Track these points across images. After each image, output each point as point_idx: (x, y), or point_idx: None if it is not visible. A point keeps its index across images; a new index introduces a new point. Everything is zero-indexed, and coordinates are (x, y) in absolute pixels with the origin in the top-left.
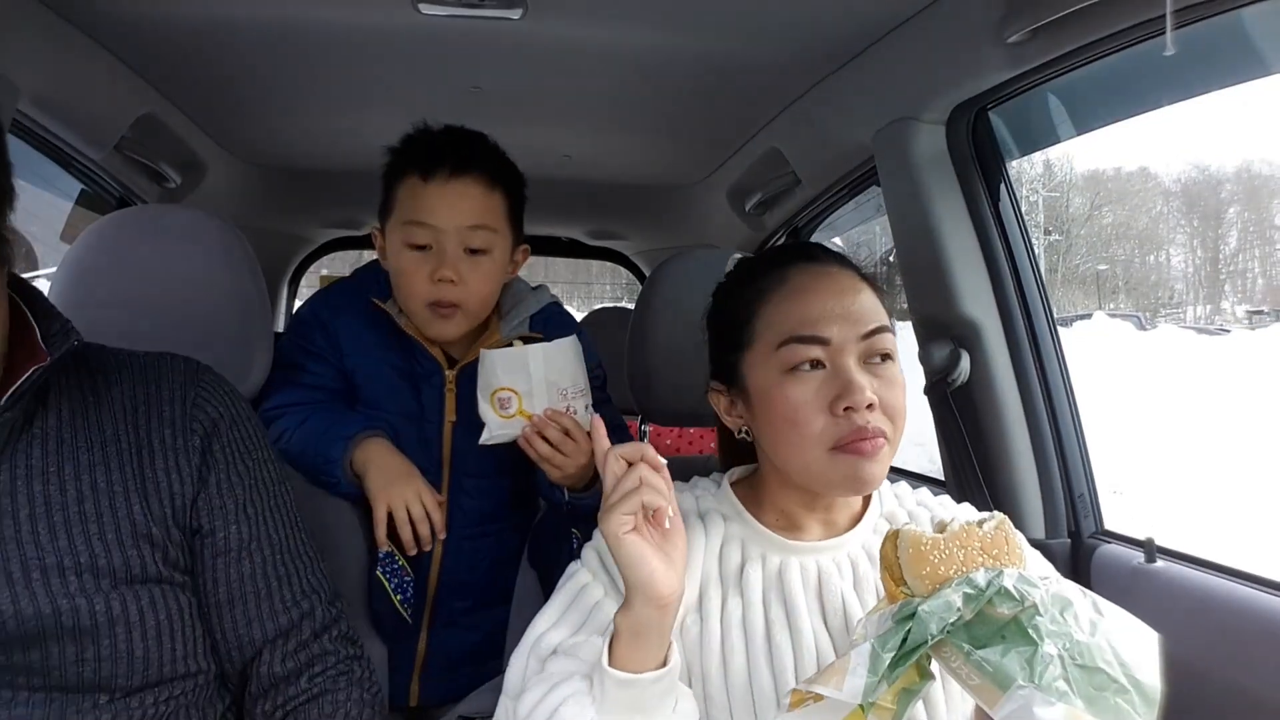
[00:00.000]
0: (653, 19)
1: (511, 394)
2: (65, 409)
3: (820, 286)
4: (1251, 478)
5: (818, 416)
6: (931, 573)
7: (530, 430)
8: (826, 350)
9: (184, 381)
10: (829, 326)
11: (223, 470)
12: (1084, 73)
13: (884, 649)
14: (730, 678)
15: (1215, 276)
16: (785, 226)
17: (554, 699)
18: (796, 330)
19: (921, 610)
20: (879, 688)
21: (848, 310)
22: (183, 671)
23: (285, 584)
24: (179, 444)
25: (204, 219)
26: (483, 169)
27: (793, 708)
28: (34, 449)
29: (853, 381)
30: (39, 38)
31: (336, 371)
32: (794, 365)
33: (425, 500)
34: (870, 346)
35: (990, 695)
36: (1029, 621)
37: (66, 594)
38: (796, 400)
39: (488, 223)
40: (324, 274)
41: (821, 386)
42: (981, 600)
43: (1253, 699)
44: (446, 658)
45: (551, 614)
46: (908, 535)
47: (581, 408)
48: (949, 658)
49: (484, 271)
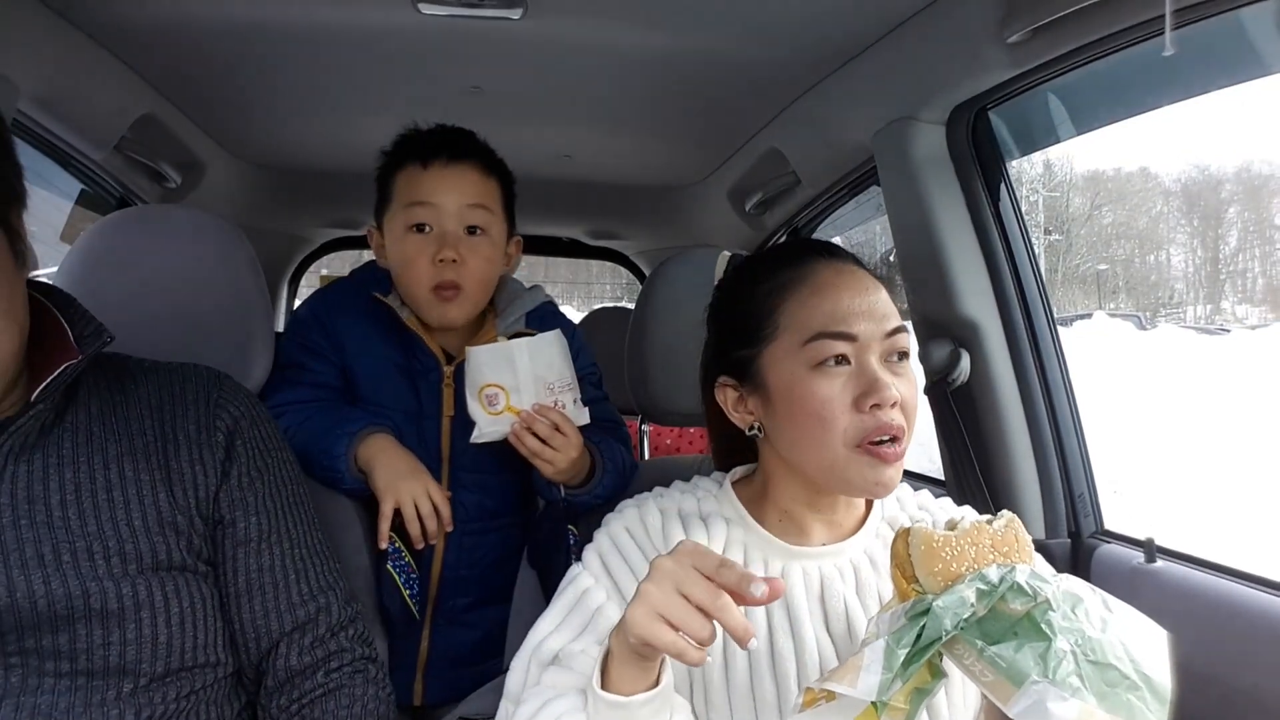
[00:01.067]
0: (653, 19)
1: (498, 390)
2: (94, 406)
3: (846, 283)
4: (1251, 477)
5: (844, 413)
6: (944, 569)
7: (519, 426)
8: (853, 346)
9: (206, 385)
10: (857, 323)
11: (244, 465)
12: (1084, 73)
13: (899, 645)
14: (732, 683)
15: (1215, 276)
16: (785, 226)
17: (547, 716)
18: (826, 326)
19: (936, 606)
20: (893, 685)
21: (872, 308)
22: (203, 661)
23: (303, 578)
24: (203, 438)
25: (204, 219)
26: (478, 157)
27: (805, 707)
28: (65, 441)
29: (879, 379)
30: (39, 38)
31: (337, 370)
32: (821, 360)
33: (434, 495)
34: (892, 345)
35: (1004, 691)
36: (1042, 617)
37: (95, 577)
38: (824, 395)
39: (485, 203)
40: (324, 274)
41: (848, 383)
42: (995, 596)
43: (1253, 699)
44: (449, 656)
45: (553, 618)
46: (920, 532)
47: (570, 402)
48: (962, 655)
49: (483, 254)
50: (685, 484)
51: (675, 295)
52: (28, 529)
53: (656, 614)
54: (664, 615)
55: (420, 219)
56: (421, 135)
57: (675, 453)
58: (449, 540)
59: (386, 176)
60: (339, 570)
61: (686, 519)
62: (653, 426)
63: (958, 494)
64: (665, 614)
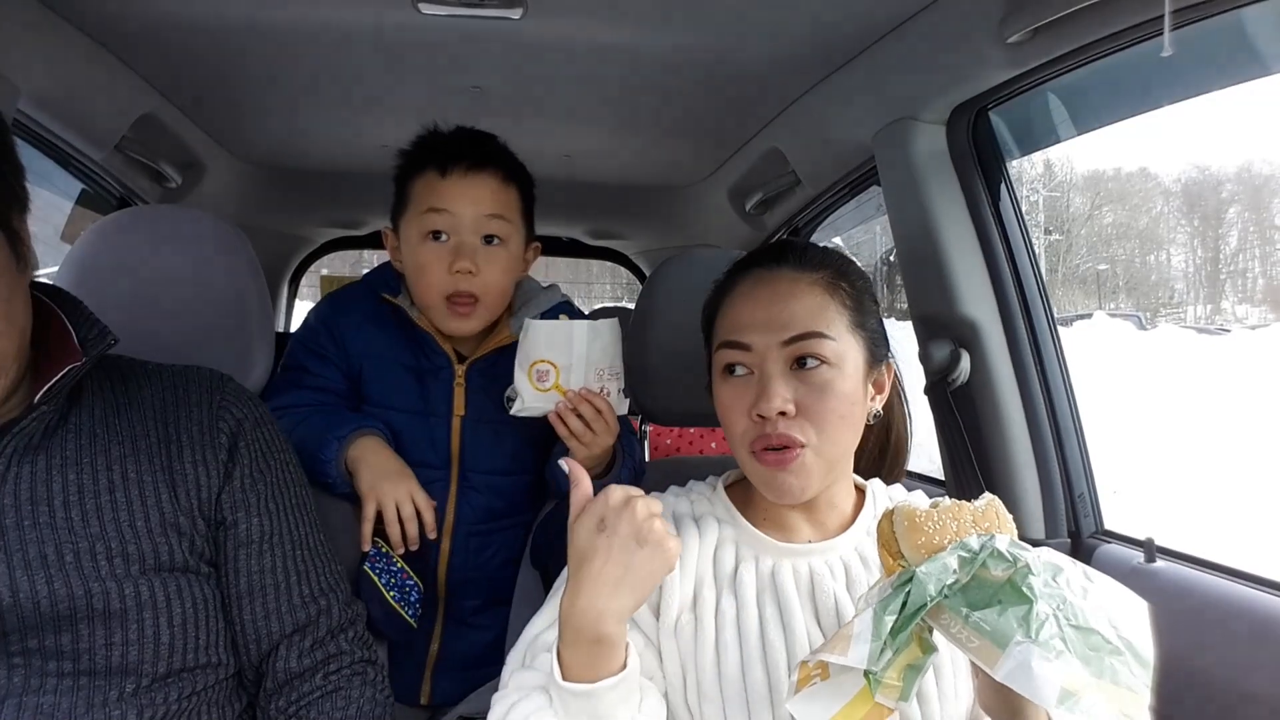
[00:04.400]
0: (653, 19)
1: (550, 367)
2: (98, 408)
3: (756, 293)
4: (1251, 477)
5: (740, 419)
6: (926, 542)
7: (564, 406)
8: (750, 356)
9: (210, 387)
10: (751, 333)
11: (247, 467)
12: (1084, 73)
13: (885, 612)
14: (724, 676)
15: (1215, 276)
16: (785, 226)
17: (515, 716)
18: (727, 335)
19: (919, 572)
20: (883, 654)
21: (774, 317)
22: (204, 662)
23: (304, 579)
24: (206, 440)
25: (204, 219)
26: (498, 165)
27: (800, 686)
28: (68, 442)
29: (765, 389)
30: (39, 38)
31: (342, 374)
32: (723, 368)
33: (417, 499)
34: (794, 352)
35: (990, 655)
36: (1023, 581)
37: (98, 577)
38: (724, 401)
39: (503, 213)
40: (324, 274)
41: (746, 391)
42: (976, 563)
43: (1253, 699)
44: (459, 658)
45: (549, 614)
46: (902, 509)
47: (615, 390)
48: (948, 624)
49: (500, 264)
50: (680, 488)
51: (675, 295)
52: (31, 530)
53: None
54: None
55: (437, 227)
56: (441, 139)
57: (675, 453)
58: (455, 541)
59: (404, 180)
60: (341, 572)
61: (679, 520)
62: (653, 427)
63: (957, 494)
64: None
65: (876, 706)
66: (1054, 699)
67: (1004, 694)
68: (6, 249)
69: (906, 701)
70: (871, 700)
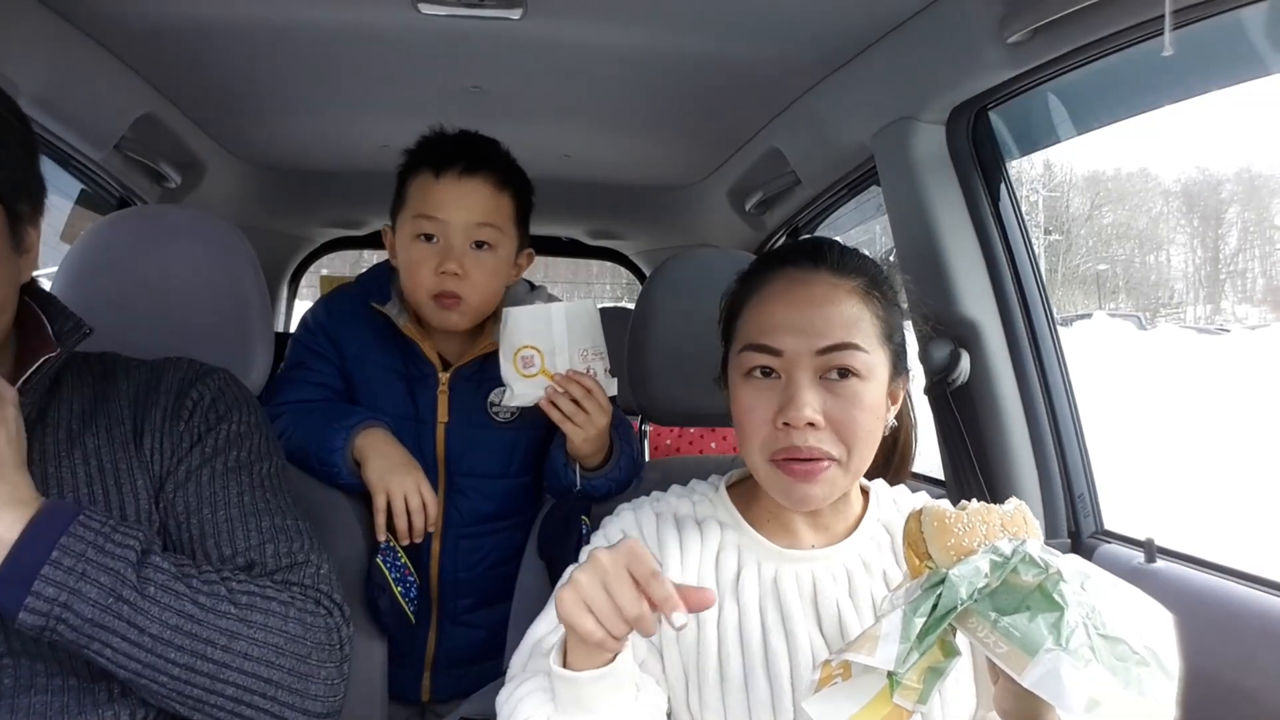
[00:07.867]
0: (652, 19)
1: (535, 352)
2: (76, 402)
3: (790, 296)
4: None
5: (762, 425)
6: (956, 544)
7: (553, 390)
8: (780, 361)
9: (184, 374)
10: (783, 337)
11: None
12: (1084, 73)
13: (915, 614)
14: (726, 683)
15: (1215, 276)
16: (785, 226)
17: (518, 694)
18: (754, 337)
19: (951, 575)
20: (910, 657)
21: (809, 322)
22: None
23: (256, 518)
24: (170, 418)
25: (204, 219)
26: (493, 170)
27: (821, 685)
28: (47, 437)
29: (795, 397)
30: (39, 38)
31: (339, 374)
32: (748, 370)
33: (424, 491)
34: (827, 362)
35: (1018, 661)
36: (1054, 588)
37: None
38: (745, 405)
39: (494, 221)
40: (324, 274)
41: (771, 396)
42: (1007, 567)
43: (1253, 699)
44: (455, 654)
45: (551, 617)
46: (932, 510)
47: (601, 370)
48: (975, 628)
49: (488, 268)
50: (682, 488)
51: (675, 295)
52: None
53: (581, 602)
54: (588, 605)
55: (427, 230)
56: (440, 140)
57: (675, 453)
58: (444, 543)
59: (403, 178)
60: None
61: (681, 522)
62: (653, 427)
63: (957, 494)
64: (589, 604)
65: (895, 708)
66: (1081, 708)
67: (1025, 700)
68: (5, 228)
69: (925, 704)
70: (890, 702)
